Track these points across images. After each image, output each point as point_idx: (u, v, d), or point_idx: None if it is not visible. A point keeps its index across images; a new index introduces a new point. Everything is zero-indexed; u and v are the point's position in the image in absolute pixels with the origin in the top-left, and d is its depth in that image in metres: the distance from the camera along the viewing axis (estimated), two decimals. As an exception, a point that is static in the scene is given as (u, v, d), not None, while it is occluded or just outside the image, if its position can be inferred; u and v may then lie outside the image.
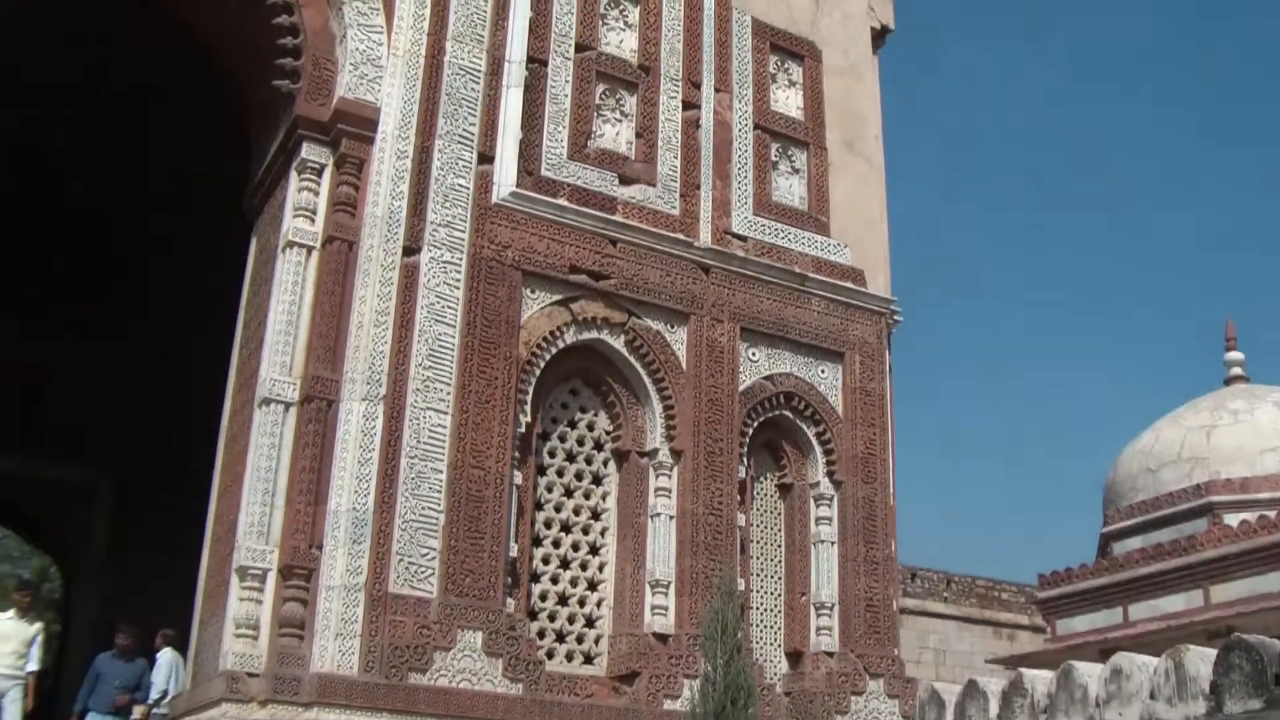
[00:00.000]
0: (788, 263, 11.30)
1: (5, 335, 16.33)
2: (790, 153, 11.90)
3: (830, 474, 11.08)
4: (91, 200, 15.51)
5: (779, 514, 11.14)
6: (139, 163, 14.71)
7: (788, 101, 12.10)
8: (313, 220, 9.80)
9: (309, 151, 9.92)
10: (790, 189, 11.78)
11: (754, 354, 10.95)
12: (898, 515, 11.41)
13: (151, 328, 16.48)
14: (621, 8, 11.38)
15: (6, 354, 16.38)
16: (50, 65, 13.31)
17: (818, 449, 11.13)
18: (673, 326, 10.61)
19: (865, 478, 11.16)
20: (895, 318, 11.85)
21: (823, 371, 11.30)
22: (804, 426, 11.16)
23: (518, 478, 9.69)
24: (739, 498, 10.54)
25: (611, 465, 10.46)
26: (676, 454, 10.36)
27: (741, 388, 10.76)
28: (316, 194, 9.88)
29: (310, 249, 9.71)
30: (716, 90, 11.52)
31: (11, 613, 10.22)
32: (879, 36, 13.16)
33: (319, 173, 9.91)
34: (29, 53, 12.53)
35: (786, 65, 12.23)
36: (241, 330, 10.74)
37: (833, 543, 10.98)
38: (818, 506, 11.05)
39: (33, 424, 16.70)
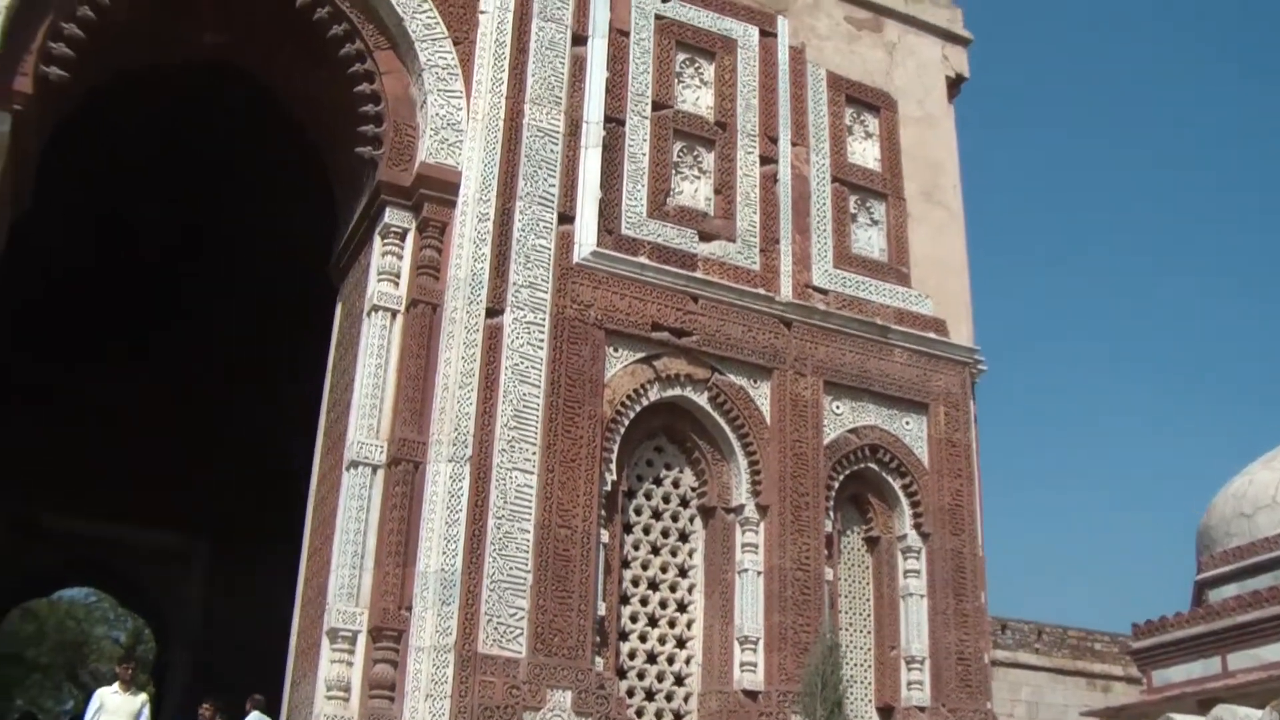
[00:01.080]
0: (869, 315, 11.26)
1: (100, 400, 16.63)
2: (869, 204, 11.88)
3: (917, 526, 10.98)
4: (179, 268, 15.81)
5: (867, 567, 11.05)
6: (226, 230, 14.98)
7: (865, 153, 12.10)
8: (397, 284, 9.94)
9: (392, 216, 10.09)
10: (870, 240, 11.76)
11: (838, 407, 10.90)
12: (987, 566, 11.26)
13: (241, 393, 16.71)
14: (697, 65, 11.47)
15: (102, 419, 16.68)
16: (137, 137, 13.59)
17: (904, 501, 11.04)
18: (756, 381, 10.61)
19: (953, 529, 11.04)
20: (979, 367, 11.75)
21: (907, 423, 11.22)
22: (890, 479, 11.08)
23: (604, 536, 9.70)
24: (826, 552, 10.46)
25: (698, 521, 10.44)
26: (762, 509, 10.32)
27: (826, 441, 10.71)
28: (400, 258, 10.03)
29: (395, 312, 9.84)
30: (793, 144, 11.55)
31: (116, 686, 10.30)
32: (954, 85, 13.11)
33: (402, 237, 10.08)
34: (117, 125, 12.78)
35: (862, 117, 12.24)
36: (329, 394, 10.87)
37: (922, 595, 10.86)
38: (906, 559, 10.95)
39: (128, 488, 16.95)
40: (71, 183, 12.08)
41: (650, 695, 9.92)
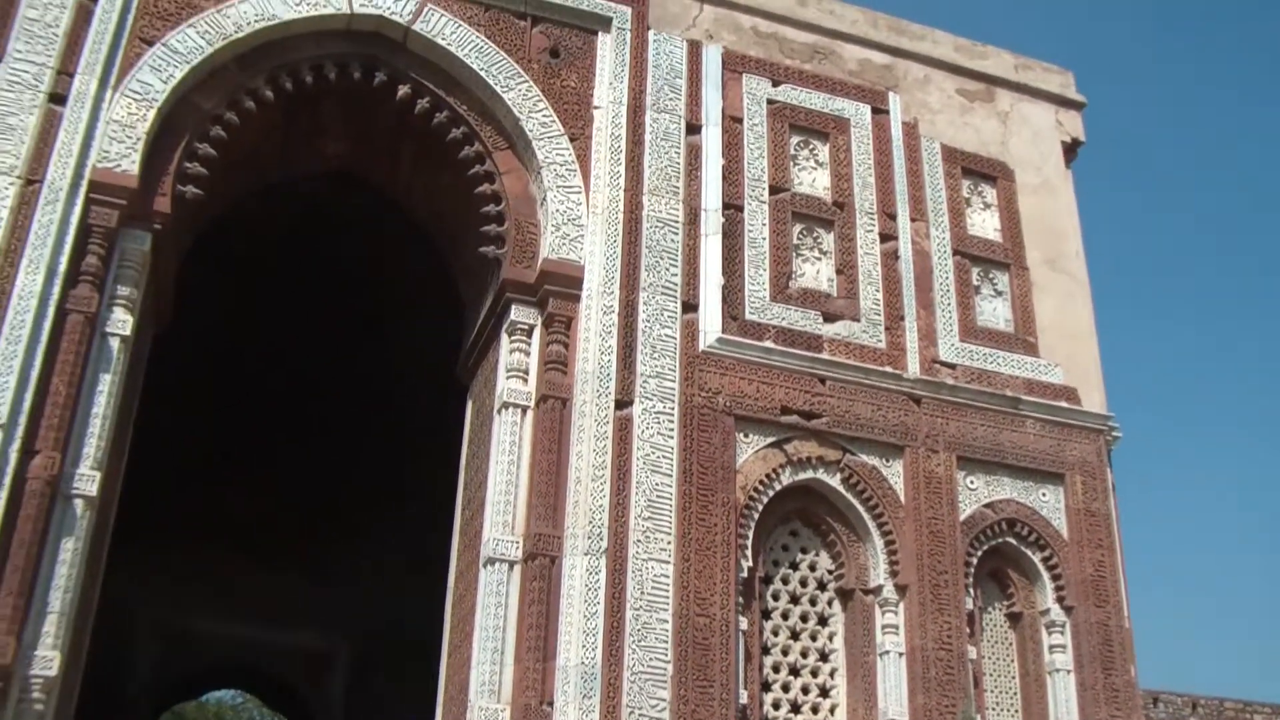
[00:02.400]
0: (998, 387, 11.14)
1: (240, 506, 17.00)
2: (992, 275, 11.79)
3: (1060, 600, 10.76)
4: (303, 376, 16.15)
5: (1010, 644, 10.84)
6: (354, 333, 15.30)
7: (984, 224, 12.03)
8: (526, 380, 10.07)
9: (518, 313, 10.24)
10: (995, 312, 11.66)
11: (972, 482, 10.77)
12: (1135, 637, 10.99)
13: (375, 494, 16.98)
14: (811, 147, 11.54)
15: (243, 525, 17.03)
16: (266, 247, 13.93)
17: (1045, 575, 10.83)
18: (888, 460, 10.53)
19: (1097, 601, 10.79)
20: (1114, 434, 11.53)
21: (1043, 495, 11.03)
22: (1029, 553, 10.88)
23: (743, 623, 9.64)
24: (968, 630, 10.29)
25: (836, 605, 10.34)
26: (901, 589, 10.19)
27: (962, 517, 10.57)
28: (528, 354, 10.16)
29: (525, 408, 9.95)
30: (912, 220, 11.54)
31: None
32: (1070, 150, 13.00)
33: (529, 333, 10.21)
34: (247, 238, 13.13)
35: (980, 188, 12.18)
36: (463, 491, 10.99)
37: (1069, 671, 10.62)
38: (1050, 634, 10.72)
39: (271, 591, 17.29)
40: (204, 296, 12.39)
41: (797, 782, 9.82)
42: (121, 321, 9.29)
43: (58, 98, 9.47)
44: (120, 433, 9.59)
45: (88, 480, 8.78)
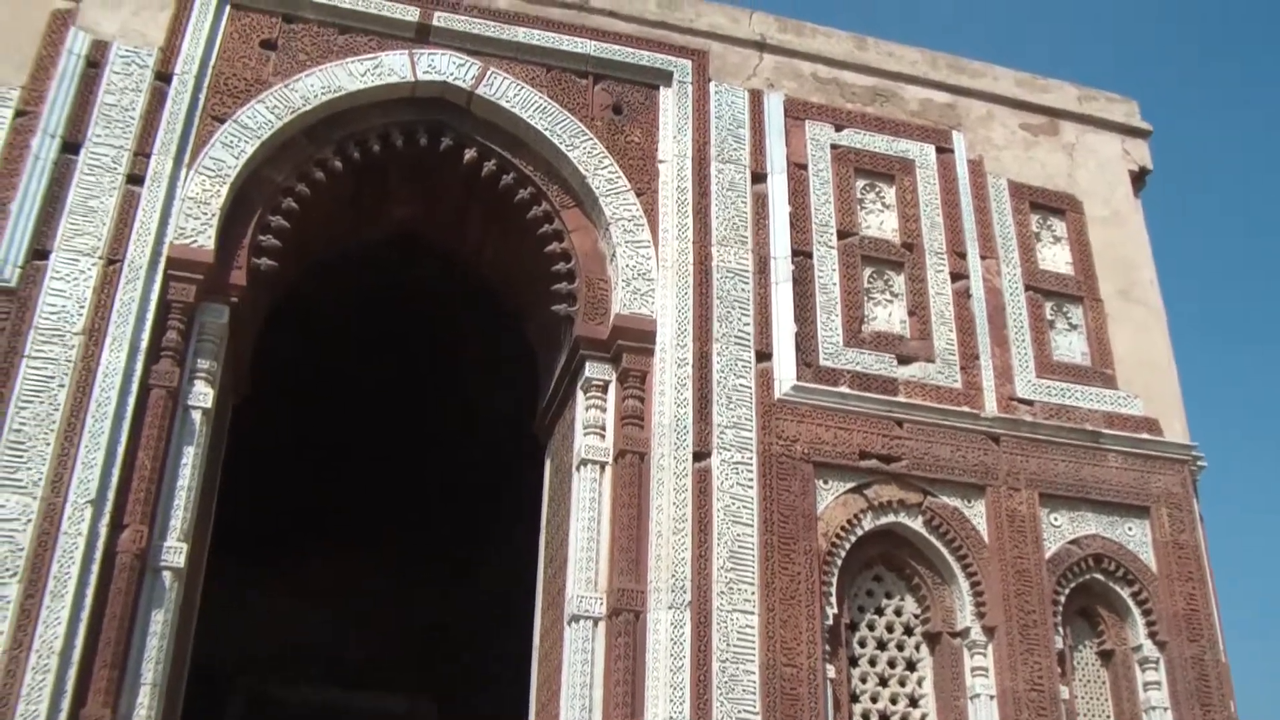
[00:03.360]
0: (1078, 421, 11.02)
1: (324, 570, 17.15)
2: (1065, 309, 11.69)
3: (1152, 635, 10.57)
4: (380, 438, 16.30)
5: (1103, 683, 10.65)
6: (429, 395, 15.43)
7: (1055, 258, 11.94)
8: (603, 436, 10.11)
9: (592, 370, 10.30)
10: (1070, 346, 11.55)
11: (1055, 519, 10.64)
12: (1234, 673, 10.79)
13: (455, 553, 17.07)
14: (877, 190, 11.53)
15: (328, 589, 17.17)
16: (338, 314, 14.11)
17: (1135, 611, 10.66)
18: (969, 501, 10.44)
19: (1190, 636, 10.60)
20: (1199, 464, 11.35)
21: (1129, 529, 10.88)
22: (1117, 588, 10.71)
23: (830, 671, 9.56)
24: (1059, 670, 10.12)
25: (924, 649, 10.24)
26: (989, 631, 10.07)
27: (1047, 555, 10.43)
28: (604, 410, 10.21)
29: (604, 464, 9.98)
30: (983, 257, 11.48)
31: None
32: (1138, 179, 12.88)
33: (604, 389, 10.26)
34: (320, 304, 13.30)
35: (1049, 222, 12.10)
36: (545, 549, 11.02)
37: (1165, 709, 10.40)
38: (1144, 671, 10.53)
39: (354, 654, 17.38)
40: (280, 364, 12.55)
41: (893, 832, 9.72)
42: (202, 394, 9.47)
43: (135, 178, 9.71)
44: (205, 504, 9.74)
45: (175, 552, 8.93)
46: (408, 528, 17.36)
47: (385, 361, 15.06)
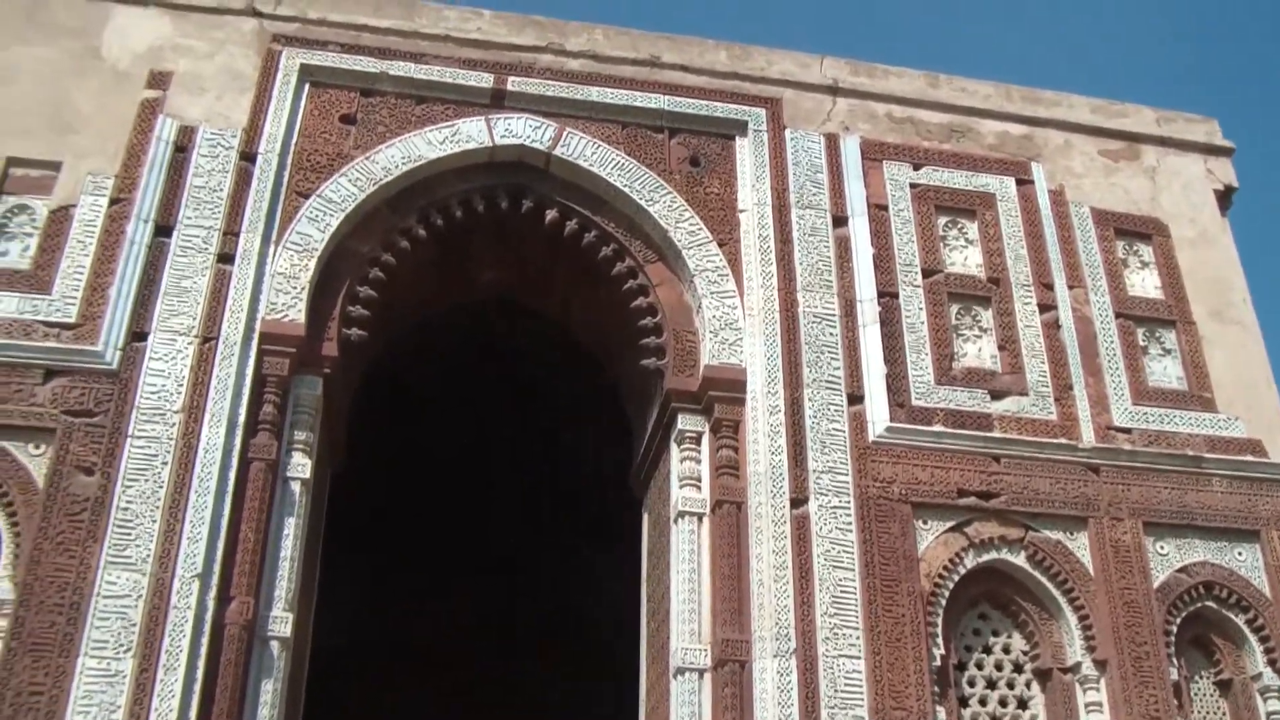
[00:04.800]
0: (1178, 447, 10.84)
1: (427, 636, 17.25)
2: (1158, 334, 11.54)
3: (1272, 663, 10.32)
4: (476, 501, 16.40)
5: (1222, 714, 10.39)
6: (522, 456, 15.52)
7: (1144, 283, 11.80)
8: (699, 487, 10.10)
9: (685, 422, 10.31)
10: (1165, 371, 11.39)
11: (1162, 547, 10.46)
12: (1362, 698, 10.50)
13: (555, 612, 17.12)
14: (960, 226, 11.48)
15: (431, 655, 17.25)
16: (428, 378, 14.25)
17: (1252, 638, 10.42)
18: (1072, 533, 10.29)
19: (1312, 661, 10.36)
20: (1308, 485, 11.13)
21: (1239, 554, 10.66)
22: (1231, 615, 10.48)
23: (940, 713, 9.43)
24: (1175, 702, 9.89)
25: (1035, 686, 10.06)
26: (1100, 665, 9.90)
27: (1155, 585, 10.24)
28: (699, 461, 10.20)
29: (701, 516, 9.97)
30: (1070, 287, 11.37)
31: None
32: (1224, 197, 12.73)
33: (698, 440, 10.27)
34: (409, 370, 13.44)
35: (1135, 247, 11.97)
36: (646, 603, 11.00)
37: (1289, 737, 10.19)
38: (1265, 700, 10.26)
39: (451, 711, 17.42)
40: (374, 431, 12.70)
41: None
42: (300, 465, 9.62)
43: (226, 257, 9.92)
44: (308, 573, 9.87)
45: (281, 622, 9.06)
46: (511, 586, 17.41)
47: (476, 423, 15.17)
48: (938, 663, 9.58)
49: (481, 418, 15.11)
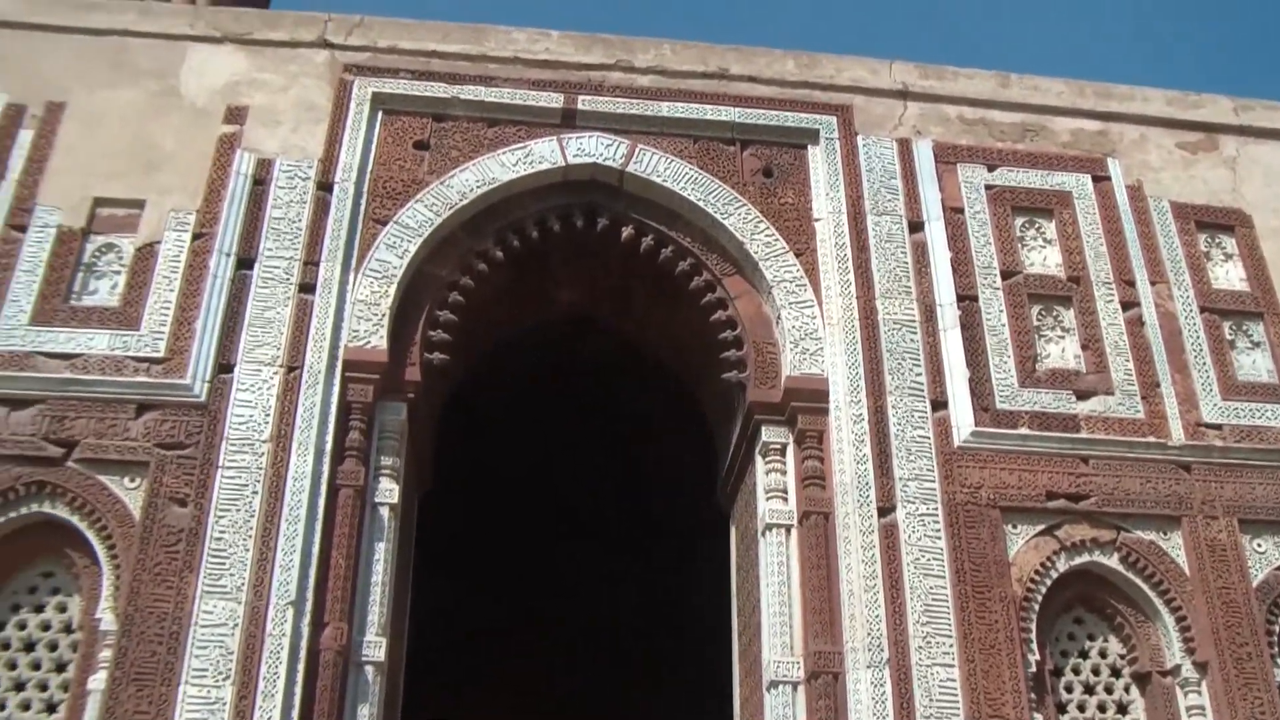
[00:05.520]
0: (1271, 441, 10.63)
1: (518, 661, 17.36)
2: (1245, 327, 11.33)
3: (1379, 659, 10.12)
4: (563, 521, 16.46)
5: (1329, 712, 10.23)
6: (603, 476, 15.56)
7: (1228, 276, 11.60)
8: (785, 499, 10.08)
9: (769, 434, 10.29)
10: (1254, 365, 11.19)
11: (1259, 545, 10.26)
12: None
13: (645, 631, 17.13)
14: (1037, 226, 11.37)
15: (524, 682, 17.35)
16: (505, 398, 14.30)
17: (1357, 635, 10.21)
18: (1165, 533, 10.13)
19: None
20: (1407, 474, 10.88)
21: (1340, 548, 10.46)
22: (1335, 612, 10.29)
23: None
24: (1281, 703, 9.76)
25: (1134, 690, 9.92)
26: (1200, 667, 9.72)
27: (1255, 583, 10.03)
28: (784, 473, 10.18)
29: (789, 528, 9.94)
30: (1152, 283, 11.21)
31: None
32: (1309, 184, 12.50)
33: (782, 452, 10.24)
34: (487, 390, 13.50)
35: (1218, 239, 11.77)
36: (737, 617, 10.97)
37: (1403, 736, 9.95)
38: (1372, 697, 10.08)
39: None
40: (460, 453, 12.78)
41: None
42: (388, 490, 9.71)
43: (307, 287, 10.05)
44: (400, 597, 9.96)
45: (375, 647, 9.16)
46: (600, 608, 17.43)
47: (552, 444, 15.23)
48: (1033, 669, 9.46)
49: (559, 438, 15.14)
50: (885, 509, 9.72)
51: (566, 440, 15.33)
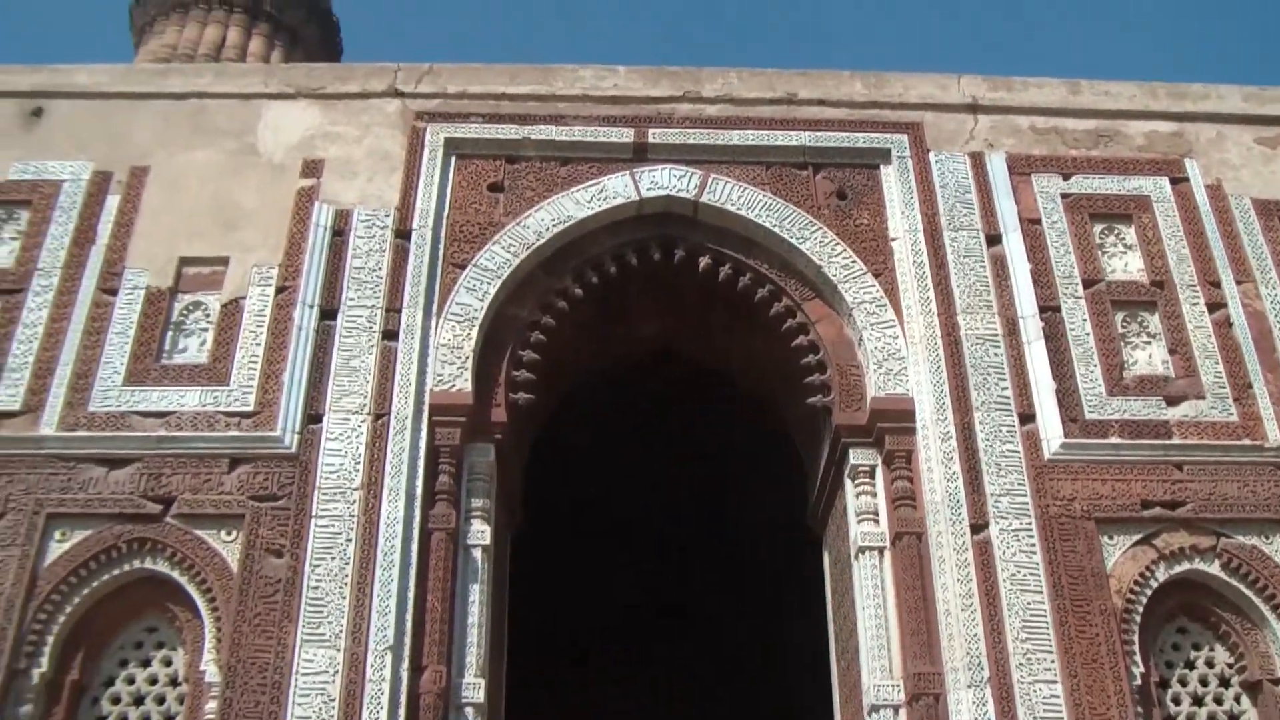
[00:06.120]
0: (1371, 438, 10.43)
1: (615, 694, 17.39)
2: (1336, 323, 11.13)
3: None
4: (654, 552, 16.48)
5: None
6: (690, 504, 15.58)
7: (1316, 270, 11.40)
8: (877, 521, 10.03)
9: (857, 456, 10.26)
10: (1348, 361, 10.96)
11: (1366, 545, 10.04)
12: None
13: (741, 658, 17.09)
14: (1117, 232, 11.24)
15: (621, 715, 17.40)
16: (587, 432, 14.35)
17: None
18: (1268, 537, 9.90)
19: None
20: None
21: None
22: None
23: (1148, 733, 9.20)
24: (1400, 711, 9.50)
25: (1244, 700, 9.68)
26: (1314, 673, 9.55)
27: (1366, 585, 9.84)
28: (874, 495, 10.14)
29: (881, 549, 9.90)
30: (1238, 282, 11.02)
31: None
32: (1393, 173, 12.25)
33: (871, 474, 10.20)
34: (573, 427, 13.56)
35: (1304, 234, 11.58)
36: (834, 643, 10.93)
37: None
38: None
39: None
40: (549, 491, 12.84)
41: None
42: (480, 532, 9.80)
43: (390, 334, 10.19)
44: (496, 636, 10.03)
45: (474, 688, 9.24)
46: (694, 635, 17.44)
47: (646, 475, 15.26)
48: (1138, 681, 9.30)
49: (645, 472, 15.18)
50: (978, 526, 9.64)
51: (650, 472, 15.36)
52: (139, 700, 9.19)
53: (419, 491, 9.59)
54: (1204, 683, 9.75)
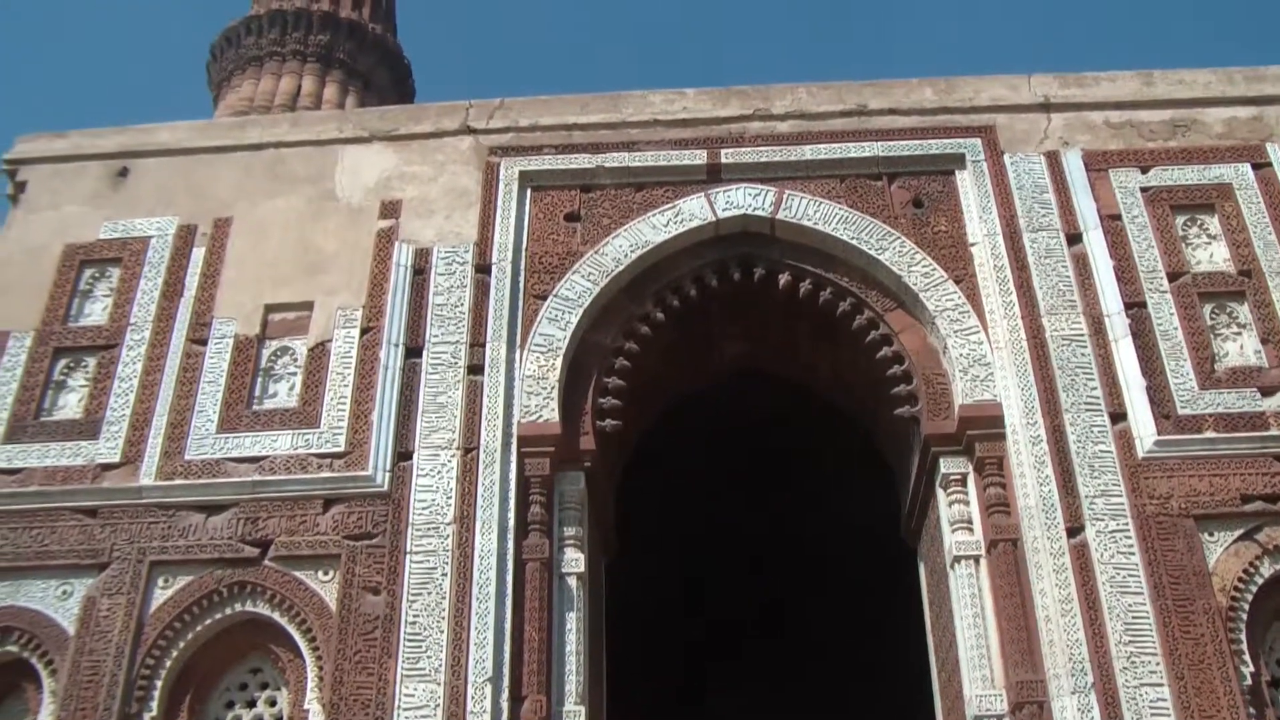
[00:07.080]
0: None
1: (722, 709, 17.37)
2: None
3: None
4: (750, 570, 16.45)
5: None
6: (785, 519, 15.53)
7: None
8: (971, 530, 9.94)
9: (947, 465, 10.17)
10: None
11: None
12: None
13: (844, 673, 17.01)
14: (1200, 223, 11.04)
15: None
16: (677, 455, 14.36)
17: None
18: (1379, 526, 9.69)
19: None
20: None
21: None
22: None
23: (1261, 733, 8.99)
24: None
25: (1362, 694, 9.50)
26: None
27: None
28: (967, 503, 10.05)
29: (977, 558, 9.81)
30: (1331, 265, 10.80)
31: None
32: None
33: (963, 482, 10.11)
34: (665, 452, 13.58)
35: (1395, 211, 11.29)
36: (934, 654, 10.84)
37: None
38: None
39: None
40: (642, 516, 12.87)
41: None
42: (574, 560, 9.87)
43: (475, 368, 10.30)
44: (595, 664, 10.06)
45: (574, 716, 9.32)
46: (796, 651, 17.36)
47: (739, 495, 15.25)
48: (1248, 681, 9.07)
49: (742, 490, 15.17)
50: (1074, 529, 9.50)
51: (750, 490, 15.35)
52: (248, 741, 9.36)
53: (511, 523, 9.67)
54: (1319, 679, 9.53)
